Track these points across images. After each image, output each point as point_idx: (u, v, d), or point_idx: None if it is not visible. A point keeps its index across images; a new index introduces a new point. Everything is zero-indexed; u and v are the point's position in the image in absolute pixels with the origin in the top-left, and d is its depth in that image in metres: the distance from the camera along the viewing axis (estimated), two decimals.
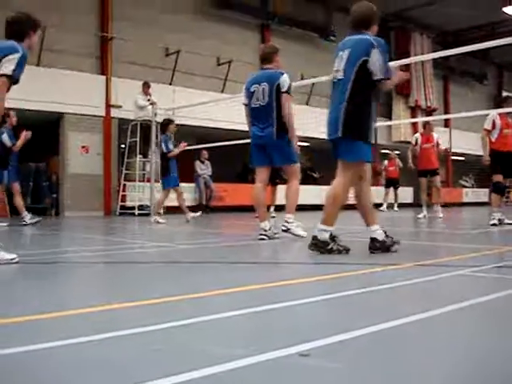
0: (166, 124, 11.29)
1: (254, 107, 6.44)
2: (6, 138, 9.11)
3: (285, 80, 6.36)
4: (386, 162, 18.47)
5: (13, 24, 4.48)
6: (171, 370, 1.59)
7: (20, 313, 2.42)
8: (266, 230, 6.37)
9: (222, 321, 2.28)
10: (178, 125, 14.72)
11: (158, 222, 10.48)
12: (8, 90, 4.22)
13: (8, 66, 4.13)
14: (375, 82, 4.58)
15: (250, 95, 6.49)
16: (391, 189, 17.90)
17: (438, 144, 12.16)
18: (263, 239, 6.31)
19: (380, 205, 16.72)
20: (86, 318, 2.38)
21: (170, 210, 15.70)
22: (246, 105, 6.64)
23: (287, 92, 6.36)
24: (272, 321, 2.32)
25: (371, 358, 1.75)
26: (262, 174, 6.53)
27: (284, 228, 6.46)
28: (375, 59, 4.53)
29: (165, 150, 10.84)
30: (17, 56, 4.18)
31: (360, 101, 4.59)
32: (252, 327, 2.20)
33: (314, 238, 4.73)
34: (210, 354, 1.77)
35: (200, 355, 1.77)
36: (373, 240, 4.76)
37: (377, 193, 11.69)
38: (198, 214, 10.80)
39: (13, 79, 4.19)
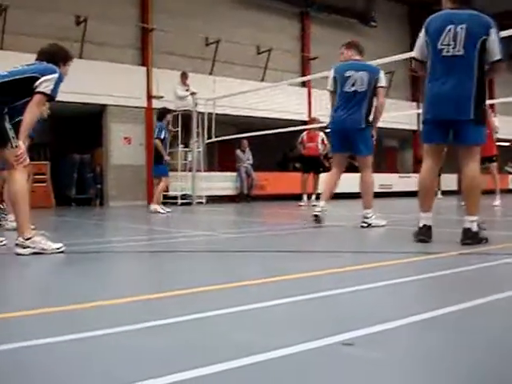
0: (163, 113, 11.52)
1: (348, 92, 6.37)
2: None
3: (383, 77, 6.57)
4: None
5: (44, 53, 4.68)
6: (212, 359, 1.60)
7: (63, 302, 2.47)
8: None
9: (264, 309, 2.29)
10: (218, 114, 14.83)
11: (159, 212, 10.35)
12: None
13: (48, 86, 4.32)
14: (492, 62, 4.36)
15: (343, 80, 6.43)
16: None
17: (495, 129, 11.69)
18: (316, 216, 6.49)
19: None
20: (129, 307, 2.42)
21: (216, 200, 15.80)
22: (332, 91, 6.62)
23: (384, 87, 6.56)
24: (316, 309, 2.31)
25: (414, 348, 1.74)
26: (339, 160, 6.63)
27: (364, 225, 6.28)
28: (494, 38, 4.30)
29: (155, 135, 10.96)
30: (55, 76, 4.37)
31: (484, 82, 4.38)
32: (295, 316, 2.20)
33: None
34: (253, 343, 1.78)
35: (242, 344, 1.78)
36: (467, 231, 4.37)
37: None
38: (164, 211, 10.46)
39: (50, 98, 4.39)
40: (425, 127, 4.61)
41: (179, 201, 14.59)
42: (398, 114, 16.27)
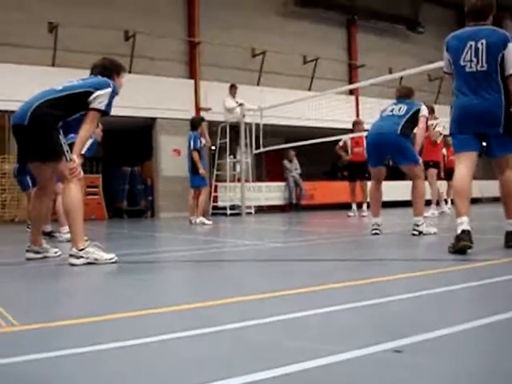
0: (198, 121, 11.32)
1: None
2: None
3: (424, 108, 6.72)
4: (444, 150, 16.13)
5: (97, 67, 4.80)
6: (262, 365, 1.61)
7: (115, 310, 2.52)
8: (378, 225, 6.52)
9: (313, 317, 2.29)
10: (265, 124, 14.88)
11: (204, 224, 10.34)
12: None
13: (102, 101, 4.44)
14: (507, 77, 4.41)
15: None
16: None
17: (435, 135, 11.29)
18: (377, 234, 6.45)
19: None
20: (179, 315, 2.45)
21: (264, 210, 15.84)
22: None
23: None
24: (365, 317, 2.30)
25: (464, 356, 1.71)
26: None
27: (416, 233, 6.25)
28: (511, 51, 4.38)
29: (192, 147, 10.76)
30: (109, 91, 4.48)
31: (508, 95, 4.44)
32: (344, 323, 2.19)
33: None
34: (302, 351, 1.78)
35: (291, 351, 1.79)
36: (509, 234, 4.58)
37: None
38: (210, 222, 10.39)
39: (105, 114, 4.51)
40: (455, 139, 4.68)
41: (228, 211, 14.68)
42: (448, 120, 15.97)
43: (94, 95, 4.42)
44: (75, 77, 4.80)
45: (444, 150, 14.13)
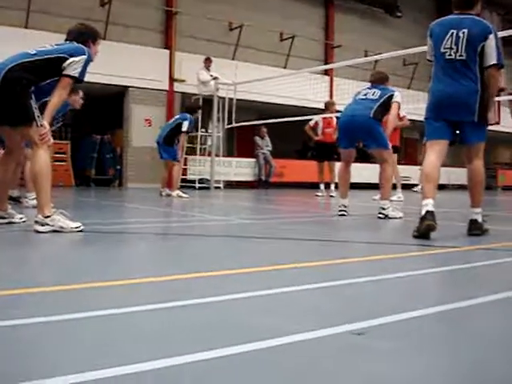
0: (196, 108, 11.82)
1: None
2: None
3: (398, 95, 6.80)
4: None
5: (73, 33, 4.70)
6: (224, 342, 1.63)
7: (78, 280, 2.51)
8: (345, 207, 6.59)
9: (278, 296, 2.31)
10: (239, 100, 14.82)
11: (181, 197, 10.38)
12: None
13: (76, 68, 4.36)
14: (487, 67, 4.45)
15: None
16: None
17: (404, 121, 11.06)
18: (343, 215, 6.51)
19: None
20: (144, 287, 2.45)
21: (233, 186, 15.84)
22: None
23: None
24: (329, 298, 2.33)
25: (424, 340, 1.75)
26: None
27: (382, 216, 6.35)
28: (491, 44, 4.42)
29: (185, 129, 10.80)
30: (84, 58, 4.41)
31: (484, 84, 4.49)
32: (309, 303, 2.22)
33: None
34: (265, 328, 1.80)
35: (254, 328, 1.80)
36: (473, 222, 4.66)
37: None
38: (186, 196, 10.47)
39: (78, 81, 4.43)
40: (429, 125, 4.72)
41: (197, 185, 14.66)
42: (421, 106, 16.12)
43: (68, 61, 4.33)
44: (48, 40, 4.71)
45: None
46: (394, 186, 10.00)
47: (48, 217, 4.25)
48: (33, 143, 4.38)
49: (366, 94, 6.64)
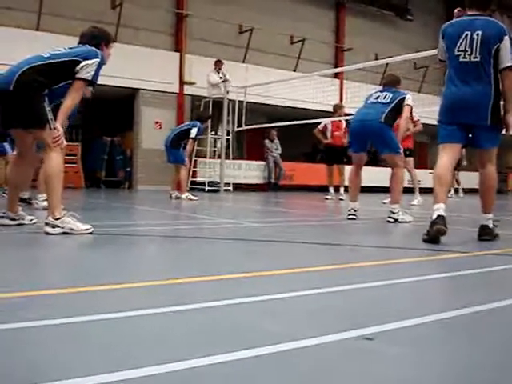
0: (207, 117, 11.95)
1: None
2: None
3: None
4: None
5: (86, 36, 4.73)
6: (231, 346, 1.62)
7: (88, 282, 2.51)
8: (355, 210, 6.57)
9: (287, 300, 2.30)
10: (249, 102, 14.83)
11: (191, 199, 10.41)
12: None
13: (89, 71, 4.39)
14: (502, 69, 4.40)
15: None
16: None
17: (417, 125, 11.06)
18: (353, 218, 6.50)
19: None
20: (152, 290, 2.45)
21: (243, 189, 15.85)
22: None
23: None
24: (338, 303, 2.33)
25: (434, 346, 1.74)
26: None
27: (391, 220, 6.35)
28: (506, 45, 4.36)
29: (193, 136, 10.89)
30: (97, 61, 4.43)
31: (499, 88, 4.45)
32: (317, 308, 2.22)
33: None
34: (275, 333, 1.79)
35: (264, 333, 1.80)
36: (484, 227, 4.63)
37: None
38: (196, 198, 10.59)
39: (91, 84, 4.48)
40: (442, 129, 4.67)
41: (206, 187, 14.67)
42: (431, 110, 16.06)
43: (81, 65, 4.36)
44: (58, 42, 4.73)
45: None
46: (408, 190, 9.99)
47: (58, 219, 4.27)
48: (46, 146, 4.40)
49: (377, 98, 6.62)
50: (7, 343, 1.63)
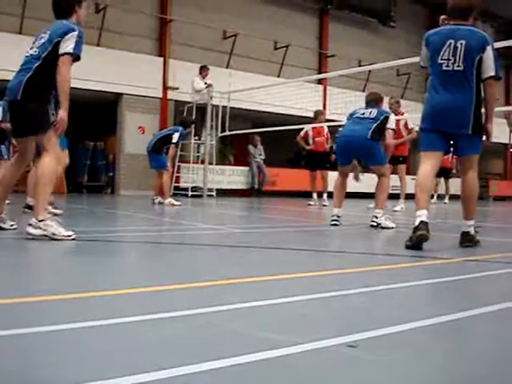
0: (191, 122, 11.96)
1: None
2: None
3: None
4: None
5: (58, 2, 4.72)
6: (217, 353, 1.62)
7: (67, 290, 2.49)
8: (338, 217, 6.61)
9: (270, 307, 2.30)
10: (233, 108, 14.82)
11: (173, 204, 10.33)
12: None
13: (69, 45, 4.41)
14: (485, 79, 4.46)
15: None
16: (441, 179, 16.06)
17: (412, 132, 10.99)
18: (336, 225, 6.53)
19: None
20: (133, 297, 2.44)
21: (226, 194, 15.82)
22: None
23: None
24: (320, 310, 2.33)
25: (418, 353, 1.75)
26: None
27: (374, 224, 6.47)
28: (489, 55, 4.42)
29: (174, 141, 10.88)
30: (74, 34, 4.45)
31: (480, 96, 4.51)
32: (300, 315, 2.21)
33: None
34: (259, 340, 1.79)
35: (248, 340, 1.79)
36: (465, 234, 4.68)
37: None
38: (179, 203, 10.48)
39: (73, 56, 4.46)
40: (424, 136, 4.72)
41: (189, 193, 14.63)
42: (413, 117, 16.16)
43: (61, 43, 4.41)
44: None
45: None
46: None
47: (42, 221, 4.26)
48: (42, 149, 4.52)
49: (363, 114, 6.75)
50: None
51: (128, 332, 1.87)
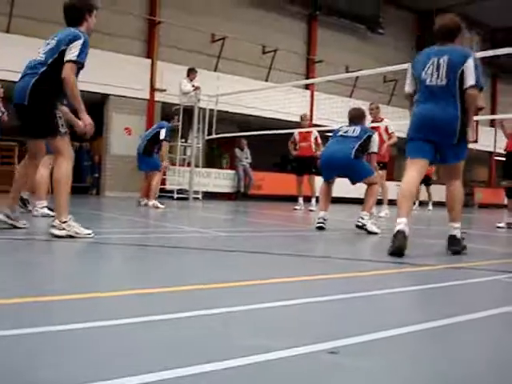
0: (174, 114, 11.91)
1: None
2: None
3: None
4: None
5: (69, 10, 4.82)
6: (197, 359, 1.61)
7: (57, 291, 2.47)
8: (324, 219, 6.67)
9: (252, 312, 2.29)
10: (220, 111, 14.82)
11: (157, 207, 10.26)
12: (76, 75, 4.65)
13: (73, 52, 4.53)
14: (466, 88, 4.54)
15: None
16: (422, 185, 16.05)
17: (393, 138, 10.89)
18: (321, 227, 6.59)
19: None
20: (121, 300, 2.42)
21: (212, 197, 15.79)
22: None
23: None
24: (302, 315, 2.32)
25: (399, 359, 1.75)
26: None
27: (359, 224, 6.55)
28: (469, 65, 4.53)
29: (162, 137, 10.77)
30: (80, 42, 4.56)
31: (464, 108, 4.58)
32: (282, 320, 2.21)
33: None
34: (239, 345, 1.78)
35: (228, 345, 1.79)
36: (452, 238, 4.72)
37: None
38: (163, 206, 10.39)
39: (78, 64, 4.59)
40: (410, 143, 4.80)
41: (175, 195, 14.59)
42: (400, 123, 16.23)
43: (67, 51, 4.52)
44: (30, 45, 4.75)
45: None
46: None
47: (65, 222, 4.52)
48: (55, 152, 4.70)
49: (346, 132, 6.82)
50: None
51: (117, 335, 1.86)
